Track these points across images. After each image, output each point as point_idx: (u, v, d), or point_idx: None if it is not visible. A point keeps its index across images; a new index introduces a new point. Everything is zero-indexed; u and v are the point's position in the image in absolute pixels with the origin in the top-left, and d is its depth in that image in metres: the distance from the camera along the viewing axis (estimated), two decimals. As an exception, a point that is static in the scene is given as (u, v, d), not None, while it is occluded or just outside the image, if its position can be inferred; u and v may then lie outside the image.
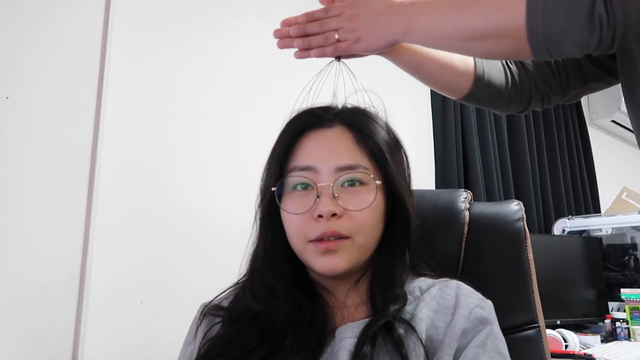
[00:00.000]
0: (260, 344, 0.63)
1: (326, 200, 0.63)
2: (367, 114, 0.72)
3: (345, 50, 0.73)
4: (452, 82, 0.85)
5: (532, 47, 0.63)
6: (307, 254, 0.65)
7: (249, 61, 1.49)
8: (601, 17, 0.59)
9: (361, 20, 0.72)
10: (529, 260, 0.76)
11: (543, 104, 0.90)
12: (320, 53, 0.74)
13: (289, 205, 0.66)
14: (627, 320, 2.01)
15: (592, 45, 0.61)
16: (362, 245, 0.65)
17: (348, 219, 0.64)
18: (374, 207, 0.65)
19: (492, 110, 0.92)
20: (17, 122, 1.05)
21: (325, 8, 0.75)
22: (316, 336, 0.63)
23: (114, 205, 1.16)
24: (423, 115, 2.07)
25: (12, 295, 1.00)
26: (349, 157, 0.66)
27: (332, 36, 0.72)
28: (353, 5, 0.73)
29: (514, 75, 0.87)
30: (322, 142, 0.68)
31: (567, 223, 2.41)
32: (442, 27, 0.68)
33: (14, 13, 1.07)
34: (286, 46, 0.76)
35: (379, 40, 0.72)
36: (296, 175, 0.66)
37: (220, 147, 1.39)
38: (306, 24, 0.75)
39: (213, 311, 0.71)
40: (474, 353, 0.59)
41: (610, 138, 3.56)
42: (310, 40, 0.74)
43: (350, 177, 0.65)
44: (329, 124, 0.69)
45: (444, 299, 0.64)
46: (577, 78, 0.87)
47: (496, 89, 0.86)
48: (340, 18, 0.73)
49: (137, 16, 1.27)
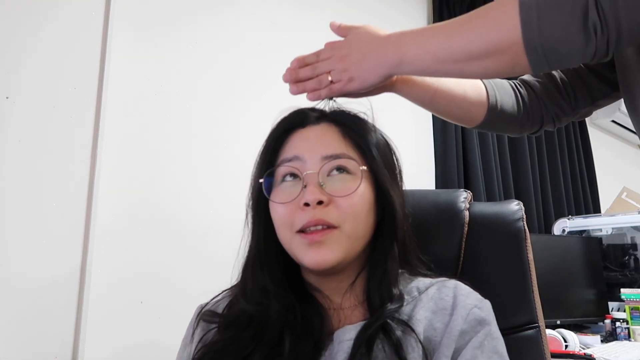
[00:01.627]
0: (255, 350, 0.62)
1: (312, 188, 0.63)
2: (354, 115, 0.73)
3: (340, 90, 0.73)
4: (466, 112, 0.85)
5: (530, 59, 0.63)
6: (294, 246, 0.65)
7: (249, 61, 1.49)
8: (595, 23, 0.59)
9: (351, 60, 0.72)
10: (529, 261, 0.76)
11: (555, 124, 0.91)
12: (315, 96, 0.74)
13: (277, 197, 0.67)
14: (627, 320, 2.01)
15: (589, 53, 0.61)
16: (350, 235, 0.64)
17: (335, 207, 0.63)
18: (361, 195, 0.65)
19: (506, 134, 0.93)
20: (17, 122, 1.05)
21: (316, 52, 0.76)
22: (314, 341, 0.62)
23: (114, 206, 1.16)
24: (423, 115, 2.07)
25: (12, 295, 1.00)
26: (334, 147, 0.67)
27: (325, 79, 0.73)
28: (342, 47, 0.74)
29: (525, 99, 0.88)
30: (308, 135, 0.69)
31: (567, 223, 2.41)
32: (436, 52, 0.67)
33: (14, 13, 1.07)
34: (294, 92, 0.77)
35: (371, 75, 0.71)
36: (283, 166, 0.67)
37: (220, 147, 1.39)
38: (298, 70, 0.76)
39: (208, 317, 0.70)
40: (472, 354, 0.59)
41: (610, 138, 3.56)
42: (304, 84, 0.75)
43: (336, 165, 0.66)
44: (316, 121, 0.70)
45: (442, 299, 0.64)
46: (585, 97, 0.88)
47: (509, 115, 0.87)
48: (331, 60, 0.73)
49: (137, 16, 1.27)
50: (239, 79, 1.46)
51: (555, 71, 0.88)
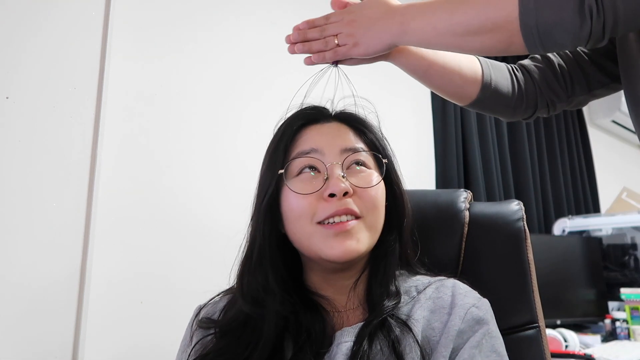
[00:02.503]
0: (251, 355, 0.61)
1: (338, 179, 0.63)
2: (362, 118, 0.75)
3: (345, 54, 0.75)
4: (459, 88, 0.86)
5: (525, 39, 0.64)
6: (315, 239, 0.63)
7: (249, 61, 1.49)
8: (591, 7, 0.60)
9: (359, 25, 0.74)
10: (529, 260, 0.76)
11: (549, 110, 0.91)
12: (320, 57, 0.76)
13: (295, 188, 0.65)
14: (627, 320, 2.01)
15: (584, 36, 0.62)
16: (371, 226, 0.65)
17: (358, 198, 0.65)
18: (378, 190, 0.67)
19: (498, 116, 0.93)
20: (17, 122, 1.05)
21: (326, 16, 0.77)
22: (316, 348, 0.61)
23: (114, 206, 1.16)
24: (423, 115, 2.07)
25: (12, 295, 1.00)
26: (352, 141, 0.69)
27: (331, 41, 0.75)
28: (352, 11, 0.75)
29: (520, 82, 0.88)
30: (323, 131, 0.70)
31: (567, 223, 2.41)
32: (437, 25, 0.69)
33: (14, 13, 1.07)
34: (292, 51, 0.78)
35: (376, 42, 0.73)
36: (303, 157, 0.67)
37: (220, 147, 1.39)
38: (307, 30, 0.77)
39: (204, 324, 0.70)
40: (470, 354, 0.59)
41: (610, 138, 3.56)
42: (310, 45, 0.76)
43: (356, 159, 0.67)
44: (328, 119, 0.72)
45: (440, 298, 0.64)
46: (581, 85, 0.88)
47: (502, 96, 0.87)
48: (339, 24, 0.75)
49: (137, 16, 1.27)
50: (239, 79, 1.46)
51: (554, 57, 0.89)
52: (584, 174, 3.01)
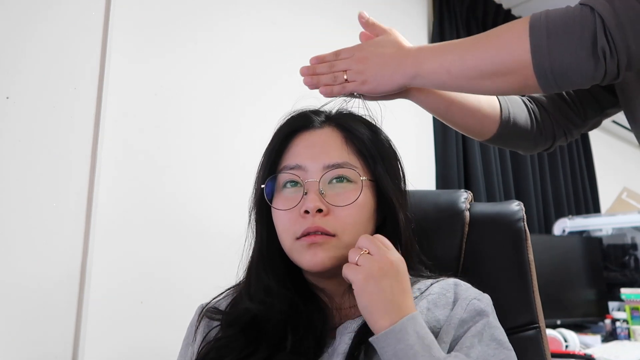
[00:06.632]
0: (258, 347, 0.63)
1: (312, 196, 0.64)
2: (358, 118, 0.73)
3: (353, 90, 0.75)
4: (480, 125, 0.86)
5: (540, 81, 0.64)
6: (294, 252, 0.66)
7: (249, 61, 1.49)
8: (604, 49, 0.60)
9: (370, 63, 0.73)
10: (529, 261, 0.76)
11: (567, 138, 0.92)
12: (327, 91, 0.75)
13: (279, 203, 0.68)
14: (627, 320, 2.01)
15: (599, 76, 0.62)
16: (349, 244, 0.64)
17: (334, 217, 0.64)
18: (361, 205, 0.66)
19: (518, 150, 0.94)
20: (17, 122, 1.05)
21: (336, 52, 0.77)
22: (317, 337, 0.63)
23: (114, 206, 1.16)
24: (424, 116, 2.07)
25: (13, 296, 1.00)
26: (337, 155, 0.67)
27: (340, 76, 0.74)
28: (363, 49, 0.75)
29: (536, 115, 0.88)
30: (311, 141, 0.69)
31: (568, 223, 2.41)
32: (451, 69, 0.69)
33: (14, 13, 1.07)
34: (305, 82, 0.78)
35: (387, 82, 0.73)
36: (285, 173, 0.68)
37: (219, 147, 1.39)
38: (315, 66, 0.77)
39: (211, 314, 0.71)
40: (471, 342, 0.60)
41: (610, 138, 3.56)
42: (319, 78, 0.76)
43: (337, 174, 0.67)
44: (319, 124, 0.71)
45: (444, 295, 0.65)
46: (593, 107, 0.88)
47: (522, 130, 0.87)
48: (349, 60, 0.75)
49: (137, 16, 1.27)
50: (239, 79, 1.46)
51: None
52: (584, 174, 3.01)
